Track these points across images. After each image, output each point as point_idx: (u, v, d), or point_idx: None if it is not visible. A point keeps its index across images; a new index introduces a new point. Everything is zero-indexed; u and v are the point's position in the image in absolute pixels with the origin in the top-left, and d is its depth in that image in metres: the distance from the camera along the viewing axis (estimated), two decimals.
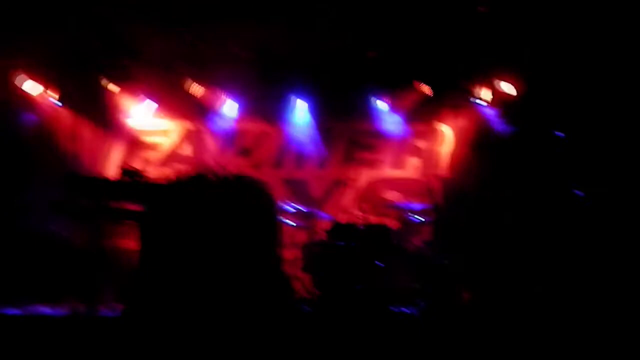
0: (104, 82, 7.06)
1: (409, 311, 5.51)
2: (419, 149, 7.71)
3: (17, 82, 6.80)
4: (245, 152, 7.79)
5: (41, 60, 6.74)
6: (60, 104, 7.13)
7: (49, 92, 7.06)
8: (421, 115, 7.55)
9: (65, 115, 7.22)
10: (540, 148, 6.25)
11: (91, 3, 5.64)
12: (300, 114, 7.64)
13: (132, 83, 7.19)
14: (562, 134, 5.93)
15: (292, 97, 7.57)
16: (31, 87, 6.97)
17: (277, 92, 7.48)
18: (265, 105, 7.66)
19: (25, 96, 6.96)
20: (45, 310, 5.36)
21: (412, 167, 7.66)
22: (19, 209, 6.04)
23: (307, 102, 7.59)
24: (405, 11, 5.92)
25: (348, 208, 7.53)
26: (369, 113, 7.63)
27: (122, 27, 6.20)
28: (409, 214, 6.58)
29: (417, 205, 6.62)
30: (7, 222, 5.93)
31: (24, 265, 5.73)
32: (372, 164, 7.74)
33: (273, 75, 7.16)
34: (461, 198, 6.96)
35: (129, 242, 6.03)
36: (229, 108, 7.64)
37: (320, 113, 7.67)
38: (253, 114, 7.71)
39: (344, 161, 7.74)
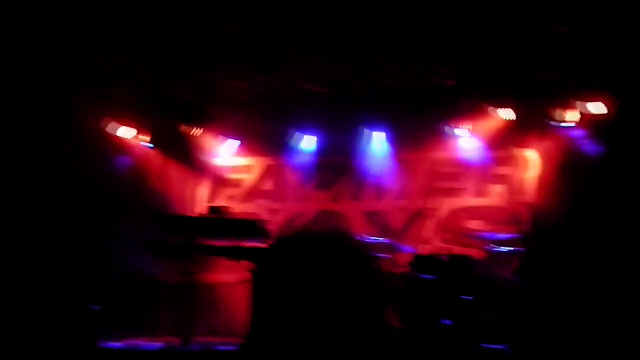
0: (188, 125, 7.45)
1: (499, 348, 5.24)
2: (503, 176, 7.42)
3: (109, 129, 7.33)
4: (324, 185, 7.89)
5: (131, 107, 7.23)
6: (151, 146, 7.60)
7: (140, 136, 7.57)
8: (503, 142, 7.28)
9: (155, 157, 7.69)
10: (632, 170, 5.82)
11: (176, 52, 6.00)
12: (377, 145, 7.65)
13: (215, 124, 7.56)
14: None
15: (369, 130, 7.61)
16: (124, 132, 7.50)
17: (353, 125, 7.56)
18: (343, 139, 7.75)
19: (118, 141, 7.49)
20: (144, 344, 5.64)
21: (495, 195, 7.37)
22: (115, 248, 6.42)
23: (384, 134, 7.60)
24: (484, 35, 5.79)
25: (430, 239, 7.36)
26: (448, 142, 7.49)
27: (204, 72, 6.55)
28: (495, 244, 6.32)
29: (503, 234, 6.36)
30: (106, 261, 6.32)
31: (124, 302, 6.06)
32: (453, 193, 7.55)
33: (349, 109, 7.27)
34: (550, 226, 6.61)
35: (218, 277, 6.25)
36: (308, 143, 7.81)
37: (398, 144, 7.64)
38: (331, 147, 7.83)
39: (424, 191, 7.59)
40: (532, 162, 7.29)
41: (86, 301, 5.44)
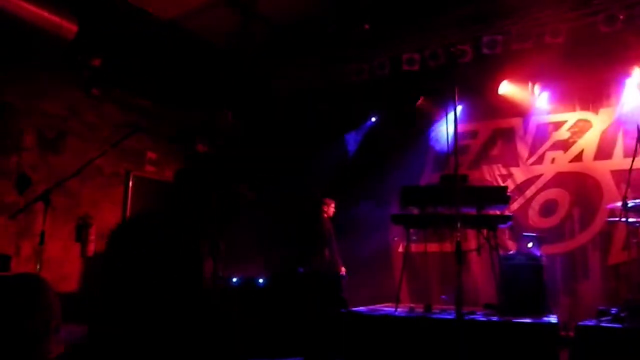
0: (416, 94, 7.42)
1: None
2: None
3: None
4: (562, 145, 7.19)
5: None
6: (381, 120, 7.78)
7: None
8: None
9: (388, 131, 7.86)
10: None
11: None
12: (630, 95, 6.64)
13: (443, 90, 7.36)
14: None
15: (617, 77, 6.64)
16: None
17: (597, 74, 6.68)
18: (584, 91, 6.92)
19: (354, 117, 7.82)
20: (388, 309, 5.84)
21: None
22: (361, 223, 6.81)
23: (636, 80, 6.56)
24: None
25: None
26: None
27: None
28: None
29: None
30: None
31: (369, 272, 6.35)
32: None
33: (593, 57, 6.41)
34: None
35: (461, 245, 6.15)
36: (542, 100, 7.17)
37: None
38: (570, 102, 7.06)
39: None
40: None
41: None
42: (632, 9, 6.08)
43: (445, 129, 7.73)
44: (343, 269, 6.88)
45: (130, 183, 7.06)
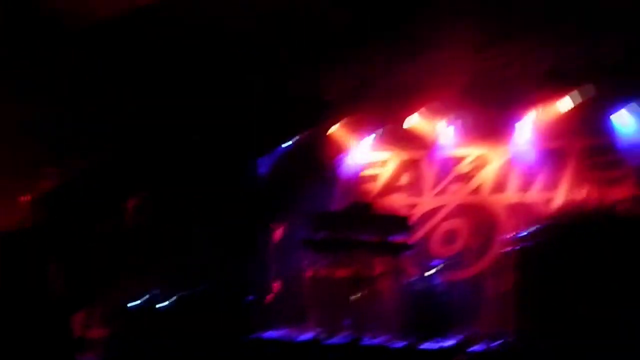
0: (325, 123, 7.56)
1: None
2: None
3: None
4: (464, 178, 7.62)
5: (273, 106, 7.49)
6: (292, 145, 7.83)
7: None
8: None
9: (298, 157, 7.92)
10: None
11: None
12: (524, 134, 7.21)
13: (353, 119, 7.59)
14: None
15: (514, 117, 7.19)
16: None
17: (497, 114, 7.20)
18: (485, 128, 7.42)
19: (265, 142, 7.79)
20: (297, 334, 5.82)
21: None
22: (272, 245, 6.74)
23: (531, 121, 7.14)
24: None
25: None
26: (606, 126, 6.86)
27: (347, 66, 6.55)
28: None
29: None
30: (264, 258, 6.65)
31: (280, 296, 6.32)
32: (613, 183, 6.89)
33: (494, 96, 6.91)
34: None
35: (366, 271, 6.28)
36: (447, 134, 7.59)
37: (547, 131, 7.14)
38: (472, 138, 7.53)
39: (579, 182, 7.04)
40: None
41: (245, 294, 5.72)
42: (525, 57, 6.64)
43: (356, 157, 8.06)
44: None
45: None
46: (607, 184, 6.86)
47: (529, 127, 7.20)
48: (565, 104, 6.91)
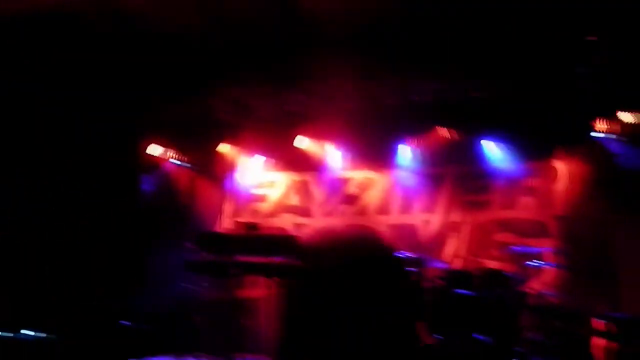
0: (216, 142, 7.52)
1: None
2: (533, 188, 7.33)
3: (149, 150, 7.43)
4: (351, 199, 7.89)
5: (163, 124, 7.33)
6: (180, 163, 7.68)
7: (170, 153, 7.65)
8: (534, 153, 7.23)
9: (185, 175, 7.77)
10: None
11: (211, 73, 6.05)
12: (405, 159, 7.64)
13: (243, 140, 7.61)
14: None
15: (397, 144, 7.61)
16: (155, 150, 7.60)
17: (381, 140, 7.57)
18: (370, 153, 7.76)
19: (151, 160, 7.58)
20: None
21: (526, 207, 7.27)
22: (154, 268, 6.46)
23: (412, 147, 7.59)
24: (513, 47, 5.79)
25: (459, 253, 7.30)
26: (477, 155, 7.45)
27: (235, 89, 6.59)
28: (526, 257, 6.24)
29: (534, 247, 6.27)
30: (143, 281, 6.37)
31: (163, 320, 6.07)
32: (482, 205, 7.49)
33: (377, 123, 7.26)
34: (584, 239, 6.53)
35: (253, 292, 6.24)
36: (334, 157, 7.83)
37: (425, 157, 7.61)
38: (358, 161, 7.84)
39: (453, 204, 7.56)
40: (564, 174, 7.21)
41: (120, 320, 5.45)
42: (406, 88, 7.07)
43: (245, 177, 8.07)
44: None
45: None
46: (476, 207, 7.45)
47: (409, 153, 7.64)
48: (443, 132, 7.44)
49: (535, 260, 6.19)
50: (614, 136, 6.48)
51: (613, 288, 6.06)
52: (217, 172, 7.86)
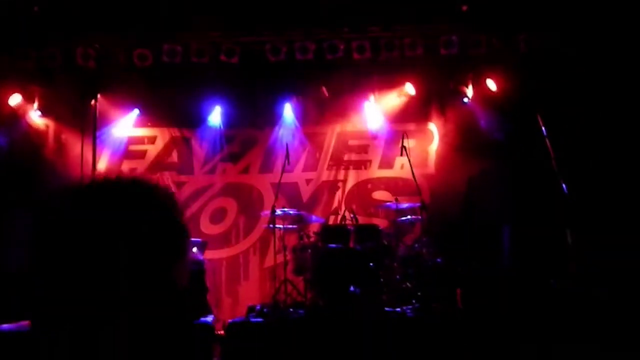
0: (87, 94, 7.01)
1: (402, 311, 5.53)
2: (408, 148, 7.68)
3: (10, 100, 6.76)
4: (233, 157, 7.78)
5: (26, 74, 6.69)
6: (42, 115, 7.08)
7: (34, 105, 7.01)
8: (410, 115, 7.58)
9: (51, 127, 7.17)
10: (529, 145, 6.27)
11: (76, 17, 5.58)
12: (288, 118, 7.65)
13: (120, 93, 7.16)
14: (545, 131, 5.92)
15: (280, 102, 7.57)
16: (15, 100, 6.93)
17: (264, 98, 7.49)
18: (253, 111, 7.66)
19: (12, 111, 6.91)
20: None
21: (400, 167, 7.65)
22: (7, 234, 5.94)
23: (294, 106, 7.61)
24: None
25: (337, 210, 7.55)
26: (357, 115, 7.65)
27: (104, 39, 6.16)
28: (398, 213, 6.59)
29: (405, 204, 6.63)
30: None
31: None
32: (360, 164, 7.76)
33: (258, 80, 7.16)
34: (450, 196, 7.02)
35: None
36: (216, 115, 7.63)
37: (308, 116, 7.68)
38: (240, 120, 7.71)
39: (333, 163, 7.75)
40: (435, 135, 7.65)
41: None
42: (292, 44, 7.00)
43: (119, 131, 7.63)
44: None
45: None
46: (356, 166, 7.72)
47: (292, 112, 7.66)
48: (323, 92, 7.54)
49: (408, 217, 6.56)
50: (477, 101, 7.00)
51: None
52: (91, 125, 7.33)
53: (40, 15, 6.25)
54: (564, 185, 5.50)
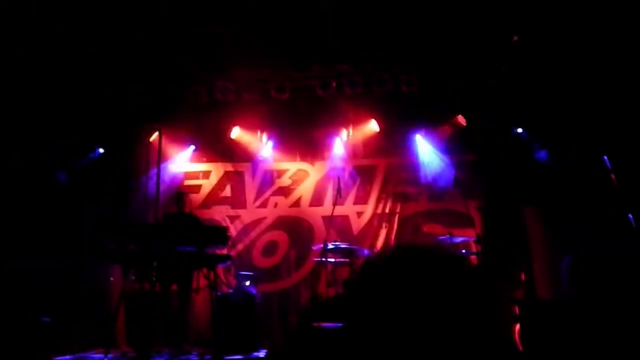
0: (143, 130, 7.32)
1: None
2: (459, 180, 7.58)
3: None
4: (284, 191, 7.89)
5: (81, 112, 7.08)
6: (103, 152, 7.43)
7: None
8: (458, 147, 7.51)
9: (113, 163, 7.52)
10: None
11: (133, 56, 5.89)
12: (338, 151, 7.73)
13: (175, 128, 7.45)
14: None
15: (330, 136, 7.68)
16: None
17: (315, 132, 7.63)
18: (304, 145, 7.80)
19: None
20: (97, 356, 5.46)
21: (452, 199, 7.52)
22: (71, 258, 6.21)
23: (344, 139, 7.70)
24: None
25: (388, 243, 7.48)
26: (407, 148, 7.65)
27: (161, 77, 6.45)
28: (453, 247, 6.44)
29: (460, 238, 6.49)
30: (59, 271, 6.11)
31: (79, 313, 5.85)
32: (410, 197, 7.70)
33: (311, 115, 7.31)
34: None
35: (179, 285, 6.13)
36: (267, 148, 7.81)
37: (358, 149, 7.74)
38: (292, 153, 7.86)
39: (384, 196, 7.73)
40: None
41: (38, 313, 5.21)
42: (341, 78, 7.17)
43: (175, 167, 7.91)
44: None
45: None
46: (405, 199, 7.67)
47: (342, 145, 7.75)
48: (373, 125, 7.61)
49: (463, 251, 6.42)
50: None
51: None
52: (148, 161, 7.65)
53: None
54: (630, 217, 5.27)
